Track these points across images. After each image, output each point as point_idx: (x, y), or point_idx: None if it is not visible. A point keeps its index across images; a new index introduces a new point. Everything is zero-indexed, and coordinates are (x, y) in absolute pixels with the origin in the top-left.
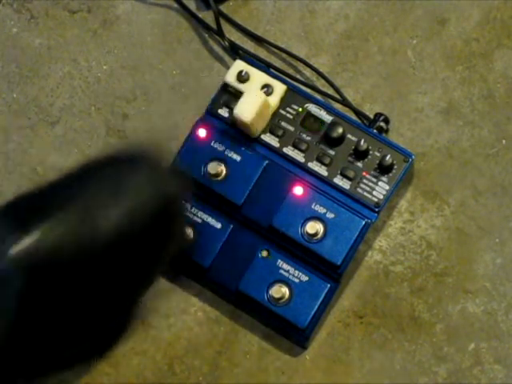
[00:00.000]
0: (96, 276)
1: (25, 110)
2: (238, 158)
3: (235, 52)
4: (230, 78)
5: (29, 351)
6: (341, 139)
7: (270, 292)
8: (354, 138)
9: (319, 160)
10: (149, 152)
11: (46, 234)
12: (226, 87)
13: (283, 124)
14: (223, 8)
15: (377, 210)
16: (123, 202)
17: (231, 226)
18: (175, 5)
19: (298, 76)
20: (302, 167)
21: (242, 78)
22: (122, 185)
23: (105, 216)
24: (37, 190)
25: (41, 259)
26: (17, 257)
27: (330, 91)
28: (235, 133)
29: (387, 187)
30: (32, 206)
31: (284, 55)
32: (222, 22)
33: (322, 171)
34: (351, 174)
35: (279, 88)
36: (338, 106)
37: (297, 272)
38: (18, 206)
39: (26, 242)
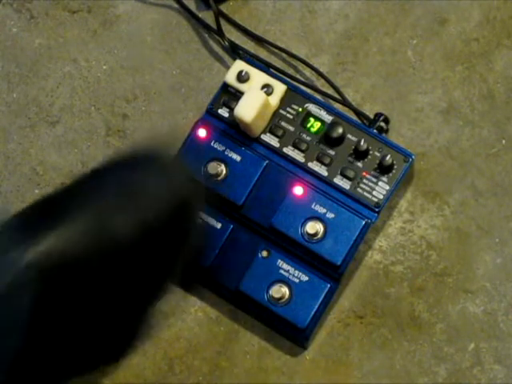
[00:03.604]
0: (110, 280)
1: (25, 110)
2: (237, 157)
3: (235, 52)
4: (230, 78)
5: (43, 356)
6: (341, 139)
7: (270, 292)
8: (354, 138)
9: (319, 160)
10: (159, 153)
11: (58, 240)
12: (225, 87)
13: (283, 124)
14: (223, 8)
15: (377, 210)
16: (137, 204)
17: (231, 226)
18: (175, 5)
19: (298, 76)
20: (302, 167)
21: (242, 78)
22: (134, 187)
23: (118, 220)
24: (50, 195)
25: (54, 265)
26: (30, 263)
27: (330, 91)
28: (235, 133)
29: (387, 187)
30: (45, 212)
31: (284, 55)
32: (222, 22)
33: (322, 171)
34: (351, 173)
35: (279, 88)
36: (338, 106)
37: (297, 272)
38: (31, 212)
39: (39, 249)
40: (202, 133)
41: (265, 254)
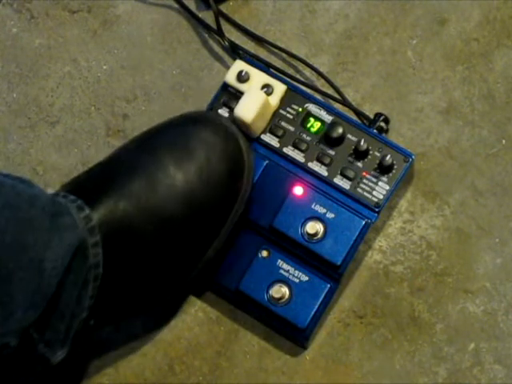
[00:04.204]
0: (168, 236)
1: (25, 110)
2: None
3: (235, 52)
4: (230, 78)
5: (110, 303)
6: (341, 139)
7: (270, 292)
8: (354, 138)
9: (319, 160)
10: (207, 113)
11: (115, 205)
12: (226, 87)
13: (283, 124)
14: (223, 8)
15: (377, 210)
16: (192, 161)
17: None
18: (175, 5)
19: (298, 76)
20: (302, 167)
21: (242, 78)
22: (188, 144)
23: (173, 177)
24: (104, 161)
25: (113, 228)
26: (90, 228)
27: (330, 91)
28: None
29: (387, 187)
30: (101, 178)
31: (284, 55)
32: (222, 22)
33: (322, 171)
34: (351, 173)
35: (279, 88)
36: (338, 106)
37: (297, 272)
38: (87, 178)
39: (98, 214)
40: None
41: (265, 253)
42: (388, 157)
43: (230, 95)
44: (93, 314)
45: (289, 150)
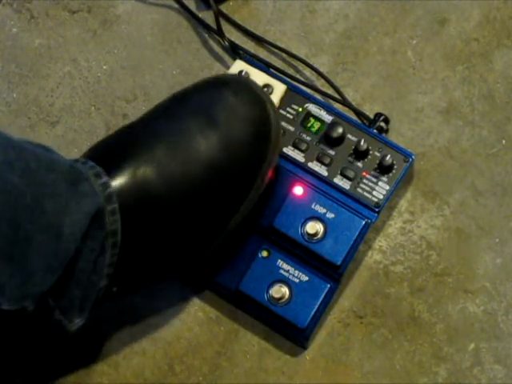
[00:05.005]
0: (190, 204)
1: (25, 110)
2: None
3: (235, 52)
4: None
5: (131, 271)
6: (341, 139)
7: (270, 292)
8: (354, 138)
9: (319, 160)
10: (232, 76)
11: (135, 171)
12: None
13: (283, 124)
14: (223, 8)
15: (377, 210)
16: (215, 128)
17: None
18: (175, 5)
19: (298, 76)
20: (302, 167)
21: None
22: (211, 110)
23: (196, 144)
24: (124, 128)
25: (133, 195)
26: (108, 195)
27: (330, 91)
28: None
29: (387, 187)
30: (122, 145)
31: (284, 55)
32: (222, 22)
33: (322, 171)
34: (351, 174)
35: (279, 88)
36: (338, 106)
37: (297, 272)
38: (109, 144)
39: (117, 181)
40: None
41: (265, 254)
42: (388, 157)
43: None
44: (114, 282)
45: (289, 150)
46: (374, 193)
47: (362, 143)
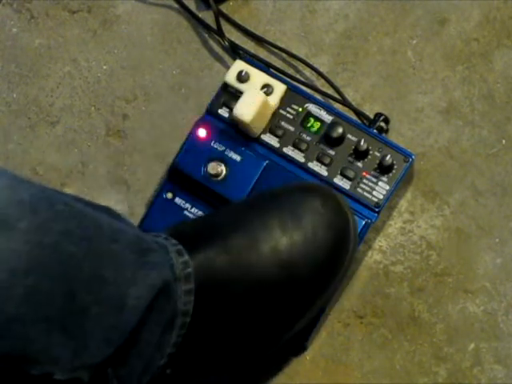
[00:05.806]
0: (259, 299)
1: (25, 110)
2: (237, 158)
3: (235, 52)
4: (230, 78)
5: (190, 356)
6: (341, 139)
7: None
8: (354, 138)
9: (319, 160)
10: (321, 185)
11: (213, 256)
12: (226, 87)
13: (283, 124)
14: (223, 8)
15: (377, 210)
16: (298, 228)
17: None
18: (175, 5)
19: (298, 76)
20: (302, 167)
21: (242, 78)
22: (297, 211)
23: (277, 240)
24: (211, 213)
25: (207, 279)
26: (187, 274)
27: (330, 91)
28: (235, 133)
29: (387, 187)
30: (205, 228)
31: (284, 55)
32: (222, 22)
33: (322, 171)
34: (351, 173)
35: (279, 88)
36: (338, 106)
37: None
38: (191, 226)
39: (196, 262)
40: (201, 133)
41: None
42: (388, 157)
43: (230, 95)
44: (171, 363)
45: (289, 150)
46: (374, 193)
47: (362, 143)
